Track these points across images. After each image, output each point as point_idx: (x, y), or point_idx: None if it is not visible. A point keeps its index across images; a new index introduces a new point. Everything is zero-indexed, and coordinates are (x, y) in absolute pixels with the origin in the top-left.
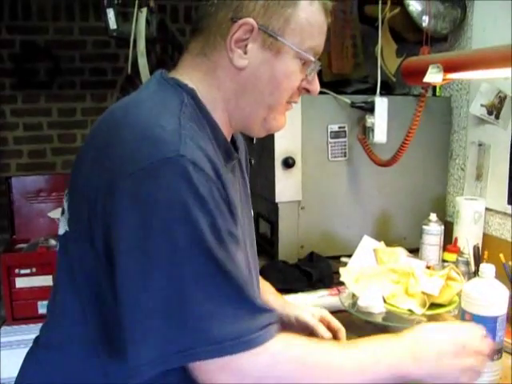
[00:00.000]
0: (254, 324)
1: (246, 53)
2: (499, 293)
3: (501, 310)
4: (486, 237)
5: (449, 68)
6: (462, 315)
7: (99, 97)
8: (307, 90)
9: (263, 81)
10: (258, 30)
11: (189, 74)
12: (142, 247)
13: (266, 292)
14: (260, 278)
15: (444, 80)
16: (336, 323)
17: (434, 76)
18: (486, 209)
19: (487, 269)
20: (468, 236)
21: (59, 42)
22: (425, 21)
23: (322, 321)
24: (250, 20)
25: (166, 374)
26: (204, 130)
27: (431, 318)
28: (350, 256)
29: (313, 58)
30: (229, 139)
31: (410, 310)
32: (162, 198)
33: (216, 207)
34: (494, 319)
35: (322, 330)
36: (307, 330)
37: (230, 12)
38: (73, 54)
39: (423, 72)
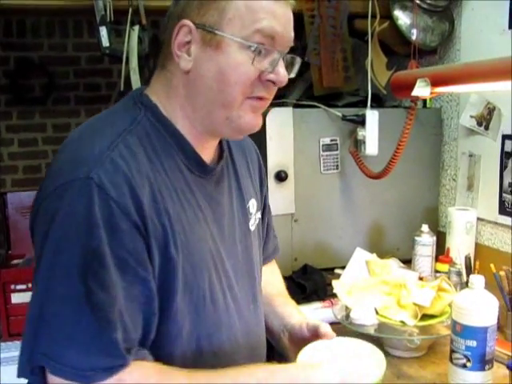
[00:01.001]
0: (97, 363)
1: (189, 55)
2: (489, 303)
3: (491, 320)
4: (479, 246)
5: (436, 82)
6: (453, 326)
7: (93, 112)
8: (274, 82)
9: (210, 78)
10: (196, 30)
11: (155, 88)
12: (38, 259)
13: (277, 297)
14: (276, 282)
15: (432, 94)
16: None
17: (421, 90)
18: (478, 219)
19: (477, 280)
20: (460, 246)
21: (53, 58)
22: (413, 34)
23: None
24: (185, 21)
25: None
26: (165, 143)
27: (423, 329)
28: (343, 267)
29: (259, 46)
30: (209, 145)
31: (402, 322)
32: (61, 216)
33: (110, 233)
34: (485, 329)
35: (330, 334)
36: (317, 336)
37: (174, 20)
38: (67, 70)
39: (411, 86)
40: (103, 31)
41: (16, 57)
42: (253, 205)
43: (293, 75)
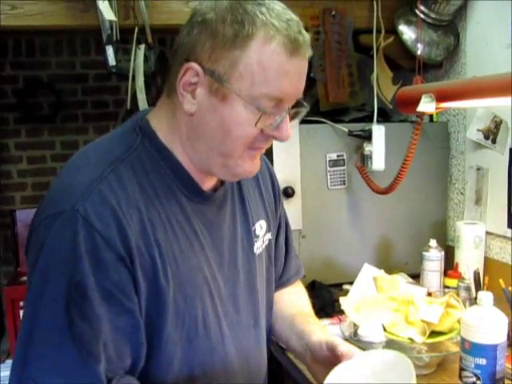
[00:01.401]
0: None
1: (194, 98)
2: (498, 320)
3: (500, 338)
4: (488, 261)
5: (441, 97)
6: (462, 343)
7: (101, 129)
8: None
9: (212, 128)
10: (204, 74)
11: (159, 114)
12: (28, 284)
13: (297, 316)
14: (297, 301)
15: (437, 109)
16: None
17: (426, 105)
18: (487, 233)
19: (485, 296)
20: (469, 260)
21: (61, 77)
22: (418, 49)
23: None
24: (193, 64)
25: None
26: (160, 171)
27: (432, 347)
28: (352, 283)
29: (265, 107)
30: (206, 176)
31: (410, 339)
32: (47, 247)
33: (95, 266)
34: (494, 347)
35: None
36: (335, 356)
37: (184, 54)
38: (75, 88)
39: (417, 101)
40: (109, 50)
41: (25, 76)
42: (260, 227)
43: (298, 120)
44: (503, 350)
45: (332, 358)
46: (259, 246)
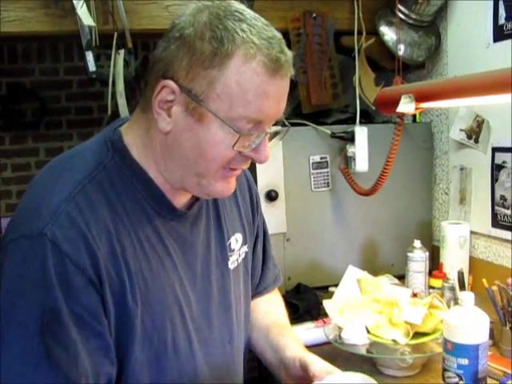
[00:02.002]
0: None
1: (170, 116)
2: (480, 320)
3: (482, 338)
4: (473, 260)
5: (421, 97)
6: (444, 344)
7: (86, 135)
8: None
9: (187, 148)
10: (180, 93)
11: (133, 128)
12: None
13: (272, 328)
14: (273, 312)
15: (417, 109)
16: None
17: (406, 106)
18: (471, 232)
19: (466, 297)
20: (454, 260)
21: (45, 83)
22: (400, 49)
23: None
24: (169, 82)
25: None
26: (131, 189)
27: (416, 348)
28: (337, 285)
29: (243, 129)
30: (182, 192)
31: (394, 340)
32: (15, 273)
33: (65, 290)
34: (476, 347)
35: (320, 375)
36: (306, 375)
37: (160, 70)
38: (58, 94)
39: (397, 102)
40: (89, 56)
41: (8, 82)
42: (236, 240)
43: (278, 141)
44: (485, 349)
45: (304, 376)
46: (234, 261)
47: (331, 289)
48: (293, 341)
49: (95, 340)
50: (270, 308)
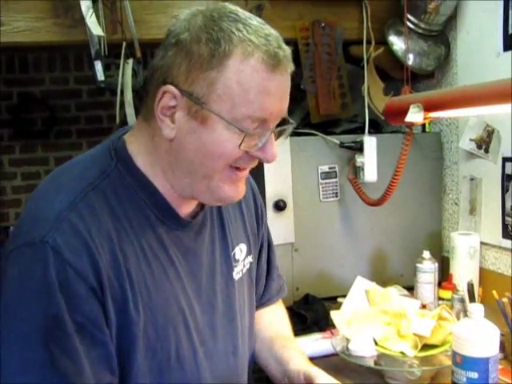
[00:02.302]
0: None
1: (173, 122)
2: (489, 333)
3: (492, 351)
4: (483, 271)
5: (429, 107)
6: (453, 357)
7: (95, 144)
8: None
9: (191, 151)
10: (182, 97)
11: (137, 136)
12: None
13: (276, 341)
14: (277, 323)
15: (425, 119)
16: None
17: (415, 116)
18: (482, 243)
19: (476, 309)
20: (464, 271)
21: (55, 92)
22: (409, 59)
23: None
24: (170, 87)
25: None
26: (134, 198)
27: (425, 360)
28: (346, 296)
29: (248, 128)
30: (188, 201)
31: (402, 353)
32: (17, 281)
33: (67, 299)
34: (486, 360)
35: None
36: None
37: (160, 77)
38: (68, 104)
39: (405, 112)
40: (98, 65)
41: (18, 92)
42: (240, 250)
43: (284, 139)
44: (495, 363)
45: None
46: (239, 271)
47: (340, 299)
48: (297, 353)
49: (97, 349)
50: (274, 319)
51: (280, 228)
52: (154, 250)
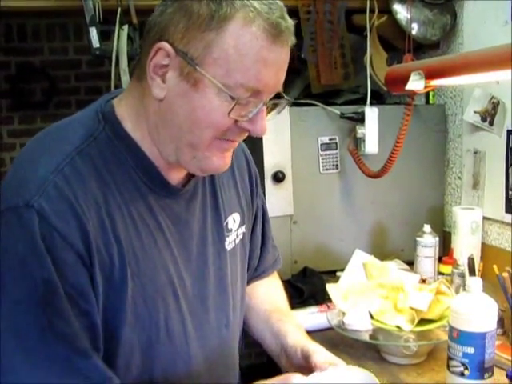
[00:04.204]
0: None
1: (164, 81)
2: (487, 307)
3: (489, 326)
4: (485, 247)
5: (431, 74)
6: (450, 332)
7: None
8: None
9: (181, 116)
10: (176, 56)
11: (127, 98)
12: None
13: (273, 314)
14: (273, 296)
15: (427, 87)
16: None
17: (415, 83)
18: (484, 218)
19: (474, 283)
20: (466, 246)
21: (54, 62)
22: (413, 28)
23: None
24: (165, 44)
25: None
26: (122, 163)
27: (421, 335)
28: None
29: (240, 97)
30: (178, 168)
31: (398, 327)
32: (3, 248)
33: (57, 263)
34: (483, 335)
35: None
36: (307, 365)
37: (156, 35)
38: (68, 74)
39: (406, 80)
40: (93, 32)
41: (17, 61)
42: (234, 220)
43: (277, 115)
44: (492, 338)
45: (305, 365)
46: (231, 241)
47: (338, 273)
48: (294, 327)
49: (81, 319)
50: (270, 292)
51: (278, 200)
52: (142, 216)
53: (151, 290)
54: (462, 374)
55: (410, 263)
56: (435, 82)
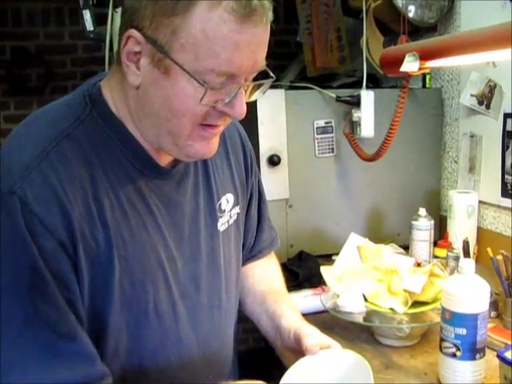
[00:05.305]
0: (60, 376)
1: (138, 69)
2: (479, 289)
3: (481, 307)
4: (481, 231)
5: (426, 55)
6: (442, 313)
7: None
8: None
9: (157, 104)
10: (146, 43)
11: (110, 81)
12: None
13: (268, 295)
14: (268, 278)
15: (421, 69)
16: None
17: (410, 65)
18: (480, 202)
19: (466, 264)
20: (461, 230)
21: (50, 47)
22: (410, 10)
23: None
24: (133, 31)
25: None
26: (110, 146)
27: (415, 317)
28: None
29: (212, 83)
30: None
31: (391, 309)
32: None
33: (40, 250)
34: (475, 316)
35: (313, 349)
36: (299, 348)
37: (127, 20)
38: (64, 59)
39: (401, 61)
40: (87, 15)
41: (12, 46)
42: (227, 201)
43: (261, 95)
44: (484, 319)
45: (297, 348)
46: (225, 222)
47: (334, 257)
48: (289, 309)
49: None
50: (267, 273)
51: (274, 183)
52: (131, 200)
53: (139, 272)
54: (453, 355)
55: (406, 247)
56: (430, 64)
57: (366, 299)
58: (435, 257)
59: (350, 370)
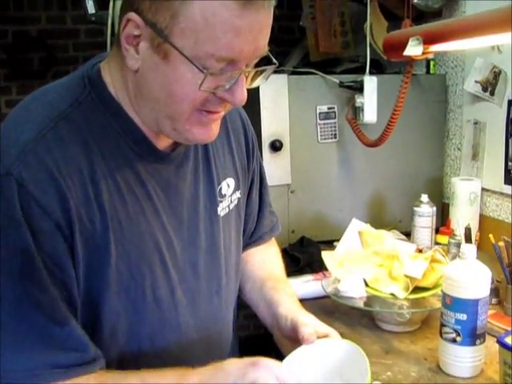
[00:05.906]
0: (51, 359)
1: (138, 53)
2: (480, 274)
3: (482, 293)
4: (484, 218)
5: (430, 39)
6: (443, 298)
7: None
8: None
9: (156, 89)
10: (145, 27)
11: (110, 64)
12: None
13: (267, 282)
14: (268, 264)
15: (425, 53)
16: None
17: (414, 49)
18: (483, 189)
19: (467, 249)
20: (464, 217)
21: (52, 32)
22: None
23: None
24: (133, 15)
25: None
26: (108, 129)
27: (416, 303)
28: None
29: (212, 68)
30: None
31: (392, 294)
32: None
33: (35, 232)
34: (475, 302)
35: (310, 338)
36: (296, 336)
37: (127, 2)
38: (66, 43)
39: (404, 45)
40: None
41: (14, 30)
42: (228, 185)
43: (264, 81)
44: (485, 305)
45: (295, 338)
46: (225, 207)
47: (336, 243)
48: (287, 296)
49: (56, 289)
50: (267, 259)
51: (276, 169)
52: (129, 183)
53: (136, 257)
54: (453, 341)
55: (408, 234)
56: (434, 48)
57: (366, 284)
58: (437, 243)
59: (345, 359)
